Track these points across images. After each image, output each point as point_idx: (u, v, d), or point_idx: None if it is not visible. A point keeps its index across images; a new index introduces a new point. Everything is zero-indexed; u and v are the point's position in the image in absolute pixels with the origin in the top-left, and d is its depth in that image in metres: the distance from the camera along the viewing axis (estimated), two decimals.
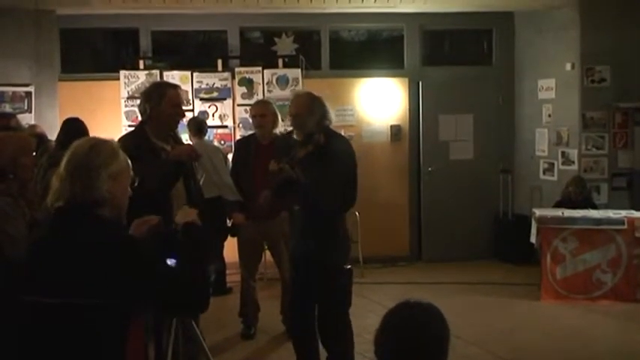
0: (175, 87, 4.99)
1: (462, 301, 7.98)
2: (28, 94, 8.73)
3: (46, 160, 6.24)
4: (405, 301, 2.44)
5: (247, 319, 7.13)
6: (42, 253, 2.88)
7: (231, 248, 7.49)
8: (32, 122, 8.28)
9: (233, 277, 8.32)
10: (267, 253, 7.42)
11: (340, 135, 5.69)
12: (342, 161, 5.33)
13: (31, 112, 8.61)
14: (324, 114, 5.36)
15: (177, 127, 5.07)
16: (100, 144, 2.95)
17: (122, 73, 9.53)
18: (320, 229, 5.29)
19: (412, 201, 10.49)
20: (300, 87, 9.69)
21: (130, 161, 3.02)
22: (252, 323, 7.13)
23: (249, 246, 6.99)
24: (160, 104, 4.78)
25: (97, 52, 10.95)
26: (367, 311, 7.84)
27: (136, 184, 3.07)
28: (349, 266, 5.51)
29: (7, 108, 8.63)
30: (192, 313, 3.52)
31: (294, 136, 5.48)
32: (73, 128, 6.69)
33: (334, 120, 5.54)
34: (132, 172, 3.03)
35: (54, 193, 2.89)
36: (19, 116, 8.51)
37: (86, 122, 8.85)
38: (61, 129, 6.94)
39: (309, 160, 5.22)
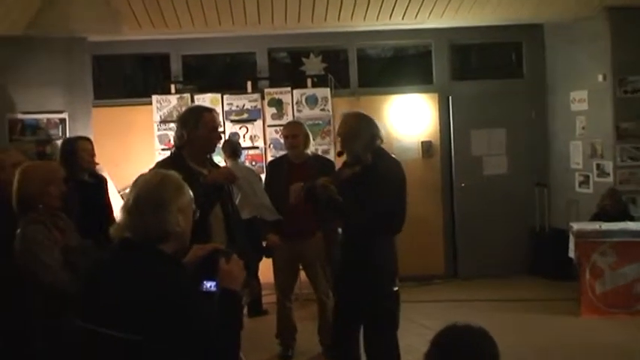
0: (211, 110, 4.98)
1: (500, 319, 7.87)
2: (63, 120, 8.84)
3: None
4: (453, 323, 2.41)
5: (284, 340, 7.11)
6: (99, 282, 2.89)
7: (266, 269, 7.48)
8: None
9: (269, 298, 8.30)
10: (302, 272, 7.40)
11: (390, 156, 5.56)
12: (387, 182, 5.26)
13: (65, 138, 8.69)
14: (372, 135, 5.29)
15: (214, 150, 5.08)
16: (168, 177, 3.00)
17: (154, 97, 9.61)
18: (364, 252, 5.26)
19: (446, 217, 10.43)
20: (329, 106, 9.71)
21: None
22: (289, 344, 7.11)
23: (284, 267, 6.97)
24: (196, 128, 4.79)
25: (128, 78, 11.06)
26: (404, 331, 7.73)
27: (197, 216, 3.09)
28: (396, 288, 5.49)
29: (43, 135, 8.74)
30: None
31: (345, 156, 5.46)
32: None
33: (385, 138, 5.49)
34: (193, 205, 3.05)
35: (119, 226, 2.92)
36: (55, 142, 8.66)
37: (120, 146, 9.01)
38: None
39: (353, 180, 5.20)
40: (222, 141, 8.20)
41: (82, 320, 2.84)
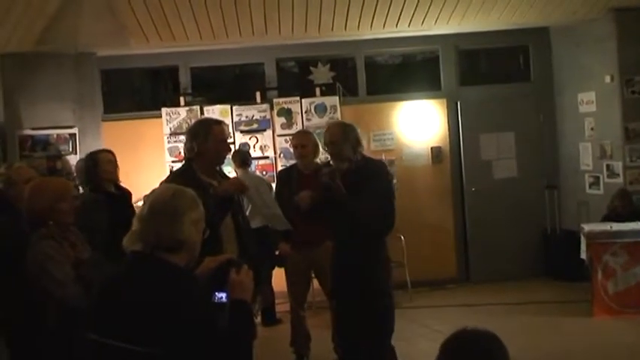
0: (220, 123, 5.06)
1: (513, 322, 7.89)
2: (73, 135, 8.87)
3: None
4: (462, 328, 2.43)
5: (299, 348, 7.13)
6: (111, 295, 2.93)
7: (279, 278, 7.51)
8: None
9: (282, 307, 8.33)
10: (315, 281, 7.44)
11: (375, 159, 5.94)
12: (380, 181, 5.53)
13: (76, 153, 8.74)
14: (357, 140, 5.57)
15: (224, 161, 5.15)
16: (183, 190, 3.07)
17: (164, 110, 9.66)
18: (361, 253, 5.40)
19: (457, 222, 10.44)
20: (338, 114, 9.74)
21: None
22: (303, 353, 7.13)
23: (296, 276, 7.01)
24: (206, 141, 4.84)
25: (137, 91, 11.11)
26: (418, 336, 7.81)
27: (206, 234, 3.13)
28: (390, 289, 5.61)
29: (53, 150, 8.78)
30: None
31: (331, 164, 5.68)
32: None
33: (365, 146, 5.81)
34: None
35: (132, 236, 2.96)
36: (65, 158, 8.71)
37: (130, 160, 9.05)
38: None
39: (348, 183, 5.38)
40: (231, 151, 8.26)
41: (94, 333, 2.87)
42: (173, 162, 9.29)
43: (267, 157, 9.79)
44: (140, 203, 3.62)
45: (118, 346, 2.76)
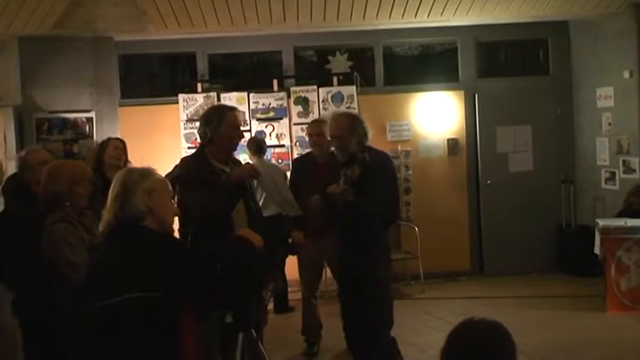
0: (234, 109, 5.07)
1: (525, 316, 7.89)
2: (90, 119, 8.90)
3: None
4: (469, 318, 2.44)
5: (310, 337, 7.16)
6: (98, 264, 3.31)
7: (292, 266, 7.53)
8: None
9: (294, 295, 8.35)
10: (327, 270, 7.45)
11: (380, 151, 5.85)
12: (387, 175, 5.58)
13: (92, 137, 8.77)
14: (364, 133, 5.52)
15: (236, 148, 5.16)
16: (134, 168, 3.45)
17: (181, 96, 9.67)
18: (365, 244, 5.47)
19: (472, 214, 10.41)
20: (355, 104, 9.72)
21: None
22: (315, 341, 7.16)
23: (309, 264, 7.03)
24: (220, 127, 4.87)
25: (155, 77, 11.13)
26: (430, 327, 7.82)
27: (175, 199, 3.41)
28: (388, 281, 5.76)
29: (70, 134, 8.82)
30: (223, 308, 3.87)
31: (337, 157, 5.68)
32: None
33: (381, 137, 5.75)
34: (171, 190, 3.42)
35: (103, 222, 3.29)
36: (82, 141, 8.75)
37: (146, 145, 9.09)
38: None
39: (361, 179, 5.34)
40: (247, 139, 8.27)
41: (91, 302, 3.15)
42: (189, 148, 9.30)
43: (283, 146, 9.79)
44: None
45: (114, 303, 3.07)
